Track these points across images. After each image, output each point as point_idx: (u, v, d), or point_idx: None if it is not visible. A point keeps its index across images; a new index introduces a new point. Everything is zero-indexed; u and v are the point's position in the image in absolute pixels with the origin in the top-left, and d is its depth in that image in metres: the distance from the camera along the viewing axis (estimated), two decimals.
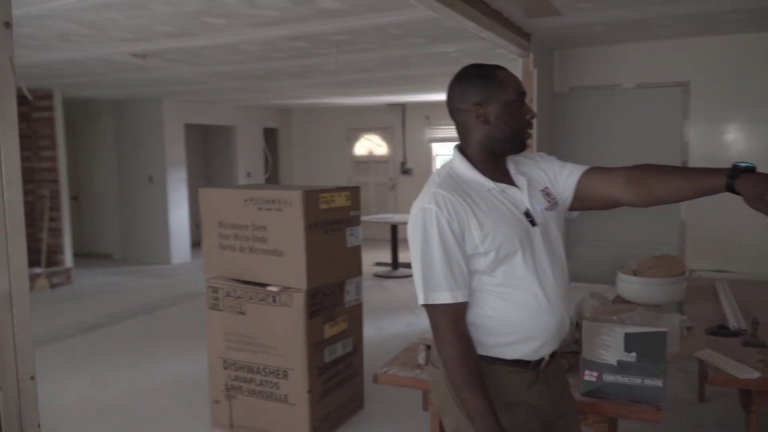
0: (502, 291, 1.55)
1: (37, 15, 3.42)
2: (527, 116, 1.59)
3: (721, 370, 2.27)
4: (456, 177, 1.58)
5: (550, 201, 1.63)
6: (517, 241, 1.52)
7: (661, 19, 3.84)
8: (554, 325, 1.59)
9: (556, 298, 1.58)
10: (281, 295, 3.22)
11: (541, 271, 1.56)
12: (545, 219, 1.60)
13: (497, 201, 1.56)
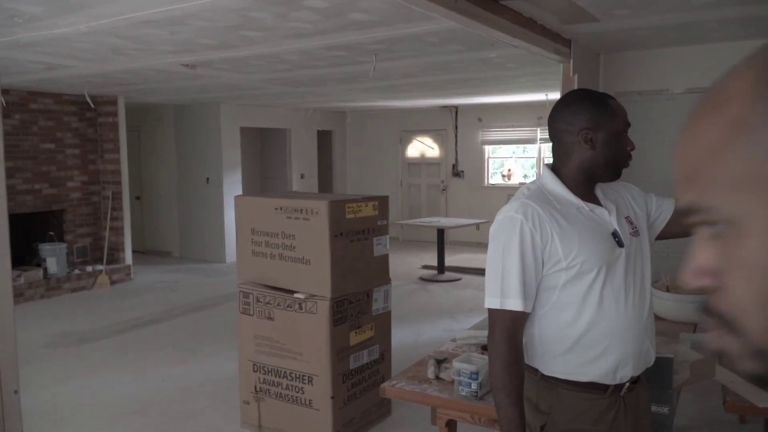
0: (581, 306, 1.56)
1: (87, 32, 3.62)
2: (629, 147, 1.66)
3: (740, 397, 2.17)
4: (546, 192, 1.63)
5: (634, 228, 1.67)
6: (602, 258, 1.55)
7: (706, 23, 3.68)
8: (632, 348, 1.58)
9: (636, 322, 1.58)
10: (307, 303, 3.29)
11: (622, 296, 1.58)
12: (631, 243, 1.63)
13: (586, 219, 1.60)
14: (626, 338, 1.56)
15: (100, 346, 5.23)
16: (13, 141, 6.89)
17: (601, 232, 1.59)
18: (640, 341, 1.59)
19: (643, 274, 1.64)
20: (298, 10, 3.18)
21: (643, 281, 1.64)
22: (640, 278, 1.63)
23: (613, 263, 1.56)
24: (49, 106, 7.22)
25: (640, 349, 1.59)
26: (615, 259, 1.57)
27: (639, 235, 1.67)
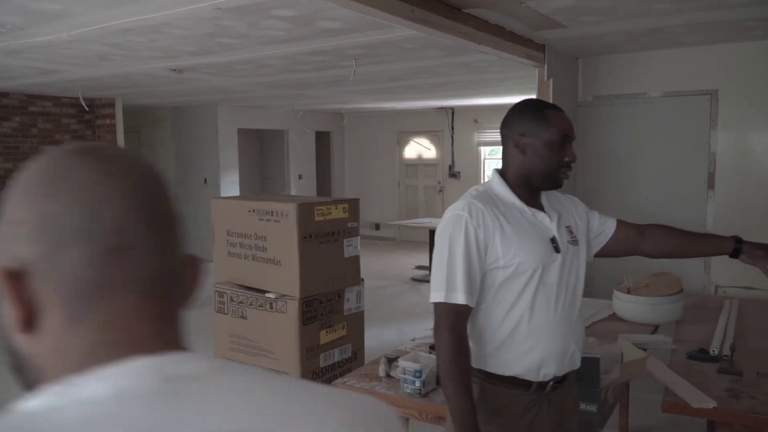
0: (514, 305, 1.63)
1: (70, 40, 3.74)
2: (566, 158, 1.67)
3: (678, 397, 2.24)
4: (493, 194, 1.70)
5: (573, 237, 1.74)
6: (538, 261, 1.62)
7: (674, 28, 3.74)
8: (557, 348, 1.64)
9: (563, 324, 1.65)
10: (277, 302, 3.39)
11: (552, 299, 1.64)
12: (567, 250, 1.69)
13: (527, 222, 1.67)
14: (552, 338, 1.63)
15: None
16: (12, 143, 7.06)
17: (540, 236, 1.66)
18: (565, 343, 1.65)
19: (576, 280, 1.71)
20: (266, 18, 3.27)
21: (575, 288, 1.71)
22: (573, 284, 1.69)
23: (548, 267, 1.64)
24: (48, 109, 7.37)
25: (565, 350, 1.65)
26: (550, 263, 1.64)
27: (577, 245, 1.74)
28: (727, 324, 3.10)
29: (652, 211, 4.67)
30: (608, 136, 4.80)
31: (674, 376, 2.43)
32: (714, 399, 2.19)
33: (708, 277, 4.52)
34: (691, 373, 2.48)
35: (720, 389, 2.31)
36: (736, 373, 2.47)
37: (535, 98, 1.80)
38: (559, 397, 1.69)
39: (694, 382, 2.37)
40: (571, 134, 1.68)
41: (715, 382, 2.38)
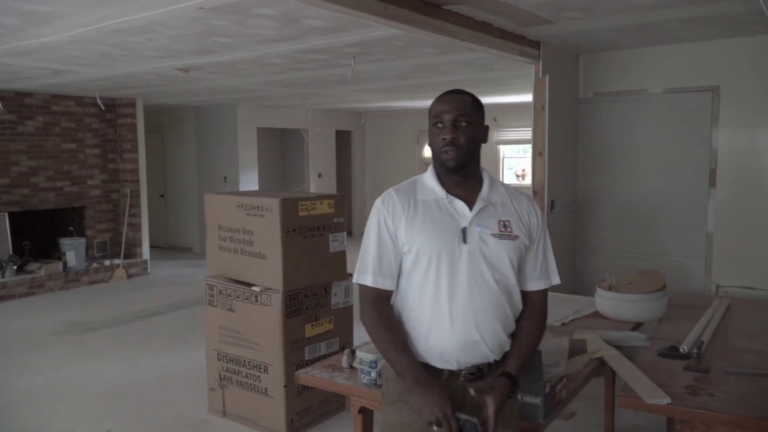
0: (418, 293, 1.69)
1: (70, 40, 3.89)
2: (442, 138, 1.67)
3: (635, 393, 2.22)
4: (420, 183, 1.76)
5: (504, 232, 1.69)
6: (436, 248, 1.65)
7: (666, 23, 3.68)
8: (457, 338, 1.65)
9: (465, 315, 1.64)
10: (262, 295, 3.46)
11: (455, 287, 1.65)
12: (484, 242, 1.66)
13: (438, 210, 1.69)
14: (453, 327, 1.64)
15: (102, 335, 5.54)
16: (36, 141, 7.34)
17: (448, 224, 1.66)
18: (468, 333, 1.64)
19: (493, 272, 1.66)
20: (252, 17, 3.35)
21: (491, 280, 1.66)
22: (487, 276, 1.66)
23: (452, 255, 1.64)
24: (70, 108, 7.63)
25: (468, 341, 1.65)
26: (455, 252, 1.64)
27: (508, 239, 1.69)
28: (709, 323, 3.04)
29: (653, 208, 4.60)
30: (609, 133, 4.74)
31: (635, 372, 2.41)
32: (671, 396, 2.17)
33: (709, 277, 4.43)
34: (657, 370, 2.45)
35: (680, 386, 2.29)
36: (702, 370, 2.44)
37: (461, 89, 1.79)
38: (462, 387, 1.67)
39: (658, 378, 2.35)
40: (441, 115, 1.67)
41: (678, 379, 2.35)
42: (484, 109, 1.77)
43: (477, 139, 1.71)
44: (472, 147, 1.68)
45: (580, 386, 2.41)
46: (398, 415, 1.72)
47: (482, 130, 1.74)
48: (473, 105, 1.72)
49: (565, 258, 4.76)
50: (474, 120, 1.69)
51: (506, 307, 1.70)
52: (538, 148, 4.42)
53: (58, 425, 3.71)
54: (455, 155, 1.65)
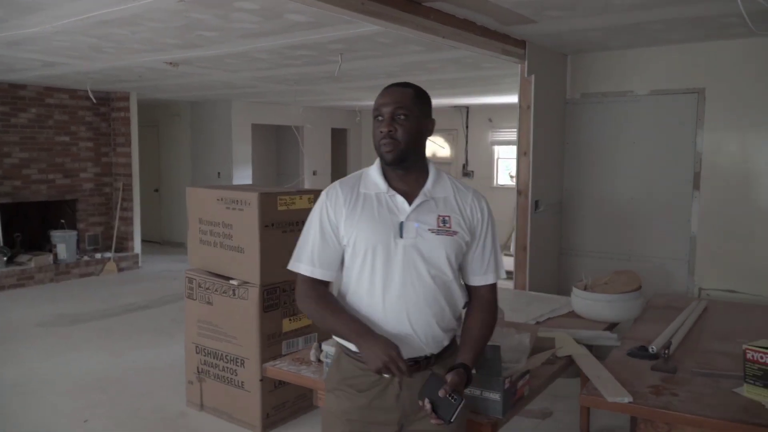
0: (355, 286, 1.70)
1: (55, 31, 3.90)
2: (380, 131, 1.67)
3: (597, 390, 2.22)
4: (365, 175, 1.76)
5: (443, 228, 1.68)
6: (371, 242, 1.65)
7: (648, 24, 3.68)
8: (389, 335, 1.64)
9: (398, 309, 1.65)
10: (240, 289, 3.47)
11: (389, 281, 1.65)
12: (421, 237, 1.66)
13: (378, 204, 1.69)
14: (386, 320, 1.65)
15: (88, 328, 5.55)
16: (29, 133, 7.35)
17: (386, 219, 1.66)
18: (401, 326, 1.65)
19: (430, 267, 1.66)
20: (234, 11, 3.35)
21: (427, 275, 1.65)
22: (425, 271, 1.65)
23: (388, 249, 1.64)
24: (64, 101, 7.64)
25: (401, 334, 1.65)
26: (391, 246, 1.65)
27: (446, 235, 1.68)
28: (683, 324, 3.04)
29: (637, 210, 4.60)
30: (595, 134, 4.74)
31: (601, 371, 2.41)
32: (635, 395, 2.18)
33: (692, 279, 4.43)
34: (624, 369, 2.45)
35: (645, 385, 2.29)
36: (669, 370, 2.44)
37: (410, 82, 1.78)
38: (417, 381, 1.66)
39: (624, 377, 2.35)
40: (380, 108, 1.67)
41: (644, 379, 2.36)
42: (430, 101, 1.76)
43: (418, 133, 1.68)
44: (410, 141, 1.65)
45: (545, 384, 2.41)
46: (337, 403, 1.73)
47: (425, 124, 1.72)
48: (415, 98, 1.69)
49: (550, 258, 4.76)
50: (414, 113, 1.67)
51: (442, 302, 1.69)
52: (523, 148, 4.42)
53: (37, 415, 3.71)
54: (392, 148, 1.65)
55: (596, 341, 2.82)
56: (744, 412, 2.06)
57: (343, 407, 1.70)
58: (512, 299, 3.73)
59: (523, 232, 4.45)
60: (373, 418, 1.68)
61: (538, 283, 4.48)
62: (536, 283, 4.46)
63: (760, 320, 3.25)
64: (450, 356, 1.76)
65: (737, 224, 4.25)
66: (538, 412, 3.79)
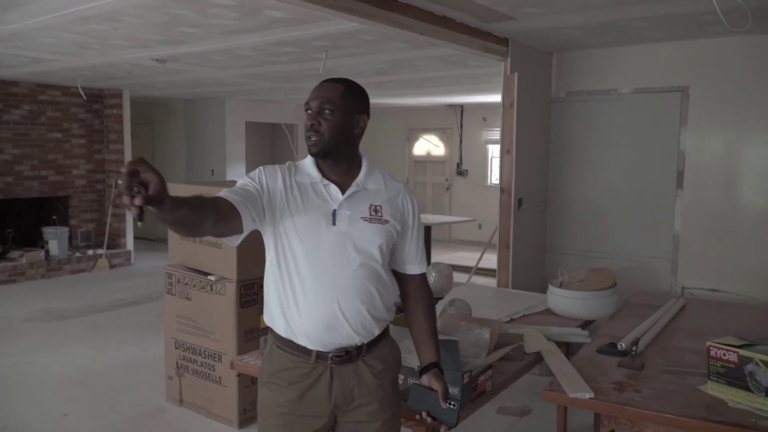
0: (286, 272, 1.68)
1: (38, 27, 3.91)
2: (305, 123, 1.71)
3: (560, 387, 2.22)
4: (299, 165, 1.76)
5: (374, 216, 1.71)
6: (305, 231, 1.65)
7: (631, 21, 3.67)
8: (319, 320, 1.65)
9: (327, 298, 1.65)
10: (217, 284, 3.48)
11: (320, 268, 1.65)
12: (353, 225, 1.68)
13: (313, 193, 1.70)
14: (316, 307, 1.64)
15: (75, 323, 5.57)
16: (21, 130, 7.37)
17: (320, 206, 1.67)
18: (330, 314, 1.64)
19: (361, 256, 1.67)
20: (210, 7, 3.36)
21: (357, 263, 1.66)
22: (356, 259, 1.66)
23: (319, 237, 1.65)
24: (57, 98, 7.66)
25: (330, 322, 1.65)
26: (323, 234, 1.66)
27: (378, 223, 1.70)
28: (657, 322, 3.04)
29: (621, 209, 4.60)
30: (580, 133, 4.73)
31: (566, 367, 2.41)
32: (598, 391, 2.18)
33: (675, 278, 4.42)
34: (591, 366, 2.46)
35: (609, 382, 2.29)
36: (636, 367, 2.44)
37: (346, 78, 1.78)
38: (349, 372, 1.67)
39: (589, 373, 2.35)
40: (309, 102, 1.70)
41: (609, 375, 2.36)
42: (365, 98, 1.76)
43: (344, 128, 1.69)
44: (335, 135, 1.67)
45: (511, 380, 2.41)
46: (269, 396, 1.73)
47: (355, 120, 1.71)
48: (344, 93, 1.69)
49: (534, 257, 4.76)
50: (341, 109, 1.67)
51: (372, 291, 1.69)
52: (506, 146, 4.42)
53: (16, 409, 3.73)
54: (315, 141, 1.67)
55: (567, 338, 2.82)
56: (706, 409, 2.06)
57: (275, 400, 1.70)
58: (491, 296, 3.74)
59: (506, 229, 4.45)
60: (306, 411, 1.68)
61: (522, 281, 4.48)
62: (519, 281, 4.46)
63: (737, 319, 3.25)
64: (383, 347, 1.76)
65: (720, 223, 4.25)
66: (517, 410, 3.79)
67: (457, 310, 2.53)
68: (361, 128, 1.75)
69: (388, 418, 1.73)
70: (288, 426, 1.69)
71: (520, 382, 4.02)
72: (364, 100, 1.77)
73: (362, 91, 1.77)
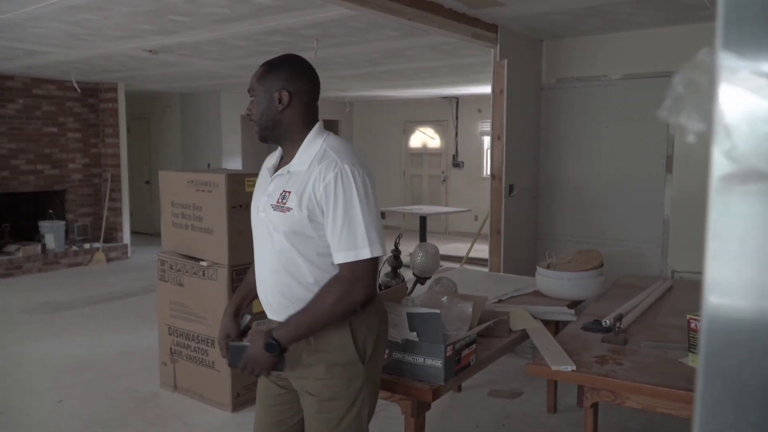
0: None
1: (29, 18, 3.93)
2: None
3: (544, 360, 2.26)
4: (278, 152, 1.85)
5: (279, 204, 1.66)
6: (252, 215, 1.82)
7: (616, 6, 3.70)
8: (264, 296, 1.80)
9: (259, 278, 1.80)
10: (209, 270, 3.51)
11: (256, 250, 1.82)
12: (267, 212, 1.69)
13: (263, 178, 1.83)
14: (257, 285, 1.82)
15: (71, 314, 5.60)
16: (16, 124, 7.39)
17: (260, 192, 1.79)
18: (261, 294, 1.81)
19: (276, 241, 1.69)
20: None
21: (274, 248, 1.70)
22: (274, 244, 1.70)
23: (254, 222, 1.81)
24: (52, 92, 7.68)
25: (262, 299, 1.81)
26: (255, 219, 1.80)
27: (280, 211, 1.66)
28: (643, 301, 3.08)
29: (612, 194, 4.63)
30: (570, 119, 4.76)
31: (550, 342, 2.45)
32: (580, 364, 2.21)
33: (666, 263, 4.46)
34: (575, 341, 2.49)
35: (592, 356, 2.33)
36: (619, 342, 2.48)
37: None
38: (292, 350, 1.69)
39: (573, 348, 2.39)
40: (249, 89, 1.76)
41: (592, 350, 2.39)
42: (289, 70, 1.71)
43: (267, 110, 1.68)
44: (262, 119, 1.70)
45: (496, 355, 2.45)
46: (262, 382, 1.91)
47: (273, 98, 1.68)
48: (261, 76, 1.71)
49: (525, 242, 4.80)
50: (259, 92, 1.69)
51: (287, 277, 1.68)
52: (497, 132, 4.45)
53: (11, 396, 3.76)
54: (255, 129, 1.75)
55: (552, 316, 2.86)
56: (686, 380, 2.10)
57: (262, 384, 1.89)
58: (481, 279, 3.77)
59: (497, 216, 4.49)
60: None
61: (514, 266, 4.51)
62: (511, 266, 4.49)
63: None
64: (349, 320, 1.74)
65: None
66: (508, 392, 3.83)
67: (443, 287, 2.56)
68: (284, 104, 1.67)
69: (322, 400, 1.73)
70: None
71: (511, 365, 4.10)
72: (288, 73, 1.70)
73: (284, 64, 1.72)
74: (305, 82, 1.74)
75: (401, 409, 2.17)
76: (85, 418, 3.47)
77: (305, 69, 1.77)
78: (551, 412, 3.54)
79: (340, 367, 1.70)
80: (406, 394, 2.09)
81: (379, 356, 1.80)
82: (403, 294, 2.34)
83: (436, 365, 2.04)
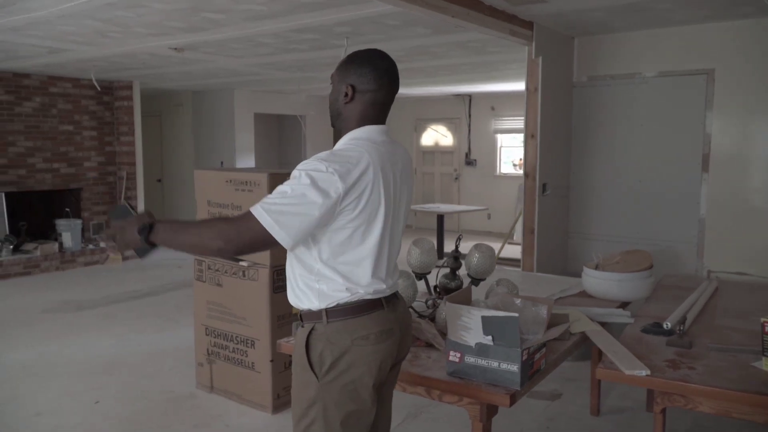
0: None
1: (62, 15, 3.87)
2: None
3: (614, 365, 2.22)
4: None
5: None
6: None
7: (657, 3, 3.65)
8: None
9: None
10: (250, 270, 3.46)
11: None
12: None
13: None
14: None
15: (93, 314, 5.55)
16: (33, 122, 7.33)
17: None
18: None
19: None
20: None
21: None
22: None
23: None
24: (68, 90, 7.62)
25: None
26: None
27: None
28: (696, 302, 3.04)
29: (645, 193, 4.59)
30: (603, 117, 4.72)
31: (616, 346, 2.40)
32: (652, 368, 2.17)
33: (701, 262, 4.42)
34: (639, 345, 2.45)
35: (661, 360, 2.28)
36: (685, 345, 2.44)
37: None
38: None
39: (639, 352, 2.35)
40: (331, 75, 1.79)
41: (659, 354, 2.35)
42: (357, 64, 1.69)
43: (334, 101, 1.75)
44: (331, 107, 1.77)
45: (561, 358, 2.41)
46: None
47: (341, 90, 1.72)
48: (339, 66, 1.74)
49: (556, 241, 4.76)
50: (335, 80, 1.73)
51: (290, 273, 1.80)
52: (530, 131, 4.40)
53: (48, 396, 3.72)
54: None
55: (609, 318, 2.82)
56: (764, 385, 2.06)
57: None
58: (521, 280, 3.73)
59: (531, 215, 4.44)
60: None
61: (545, 265, 4.48)
62: (543, 265, 4.46)
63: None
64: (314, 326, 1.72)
65: (746, 206, 4.24)
66: (548, 394, 3.79)
67: (506, 289, 2.52)
68: (348, 98, 1.69)
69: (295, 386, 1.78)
70: None
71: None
72: (361, 70, 1.68)
73: (361, 60, 1.70)
74: (372, 82, 1.69)
75: (469, 414, 2.13)
76: (125, 420, 3.42)
77: (378, 69, 1.70)
78: (595, 414, 3.50)
79: (299, 367, 1.73)
80: (477, 398, 2.05)
81: (344, 379, 1.65)
82: (468, 297, 2.29)
83: (512, 369, 1.99)
